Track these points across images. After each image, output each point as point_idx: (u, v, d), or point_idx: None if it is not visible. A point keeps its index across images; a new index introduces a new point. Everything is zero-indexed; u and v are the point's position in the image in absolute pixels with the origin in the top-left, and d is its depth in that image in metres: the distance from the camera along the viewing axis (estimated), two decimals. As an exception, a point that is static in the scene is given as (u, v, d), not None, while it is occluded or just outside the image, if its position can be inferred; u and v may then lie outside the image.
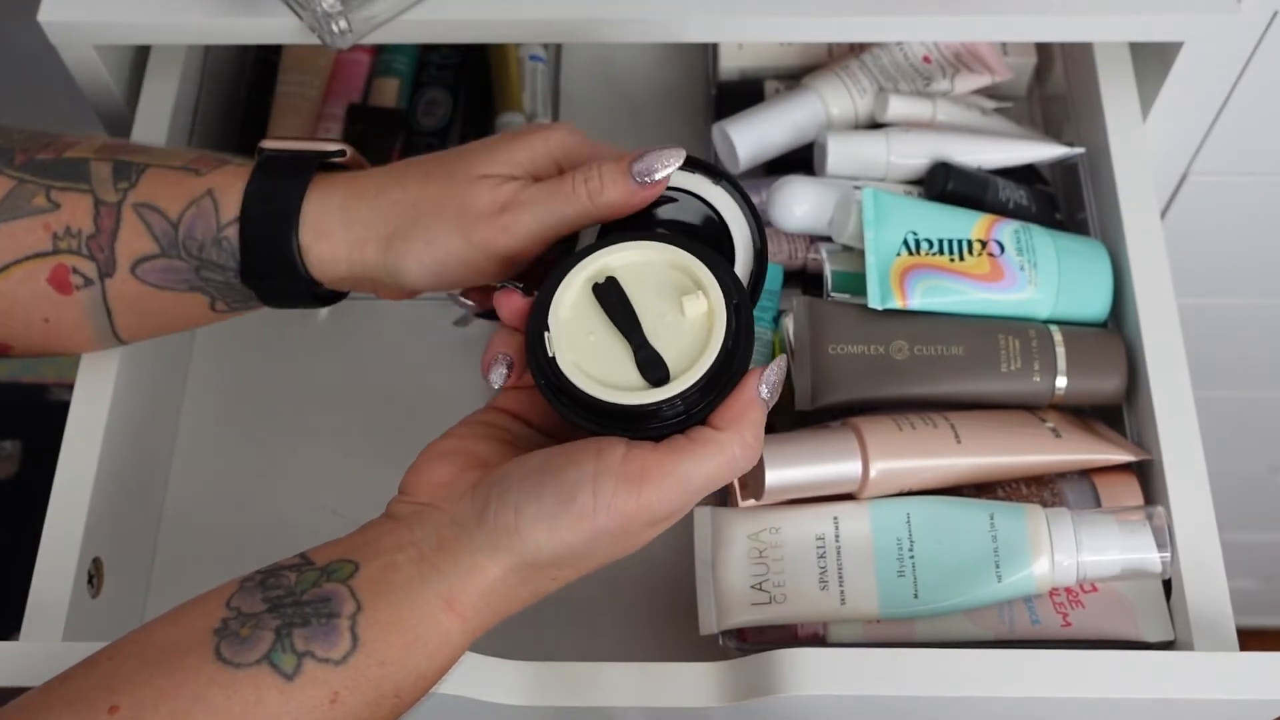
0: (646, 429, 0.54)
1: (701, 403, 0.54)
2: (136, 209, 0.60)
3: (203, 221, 0.60)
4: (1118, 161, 0.75)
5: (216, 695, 0.50)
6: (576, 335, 0.56)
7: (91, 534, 0.68)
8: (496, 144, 0.61)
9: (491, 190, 0.59)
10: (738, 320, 0.55)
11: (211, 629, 0.51)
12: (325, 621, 0.51)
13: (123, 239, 0.60)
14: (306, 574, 0.53)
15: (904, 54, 0.82)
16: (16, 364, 1.29)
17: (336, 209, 0.60)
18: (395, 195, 0.60)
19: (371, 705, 0.52)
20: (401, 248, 0.59)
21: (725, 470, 0.54)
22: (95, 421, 0.70)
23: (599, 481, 0.52)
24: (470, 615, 0.53)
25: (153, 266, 0.61)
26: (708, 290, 0.55)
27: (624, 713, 0.61)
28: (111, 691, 0.50)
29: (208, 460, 0.81)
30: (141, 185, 0.61)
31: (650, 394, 0.54)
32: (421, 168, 0.61)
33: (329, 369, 0.84)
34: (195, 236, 0.60)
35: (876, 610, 0.64)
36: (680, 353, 0.55)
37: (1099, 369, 0.70)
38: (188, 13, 0.74)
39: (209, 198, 0.60)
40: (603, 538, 0.53)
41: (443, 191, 0.59)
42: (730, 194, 0.61)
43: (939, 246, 0.70)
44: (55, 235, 0.60)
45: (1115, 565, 0.63)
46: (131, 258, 0.61)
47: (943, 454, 0.66)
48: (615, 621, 0.73)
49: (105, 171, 0.61)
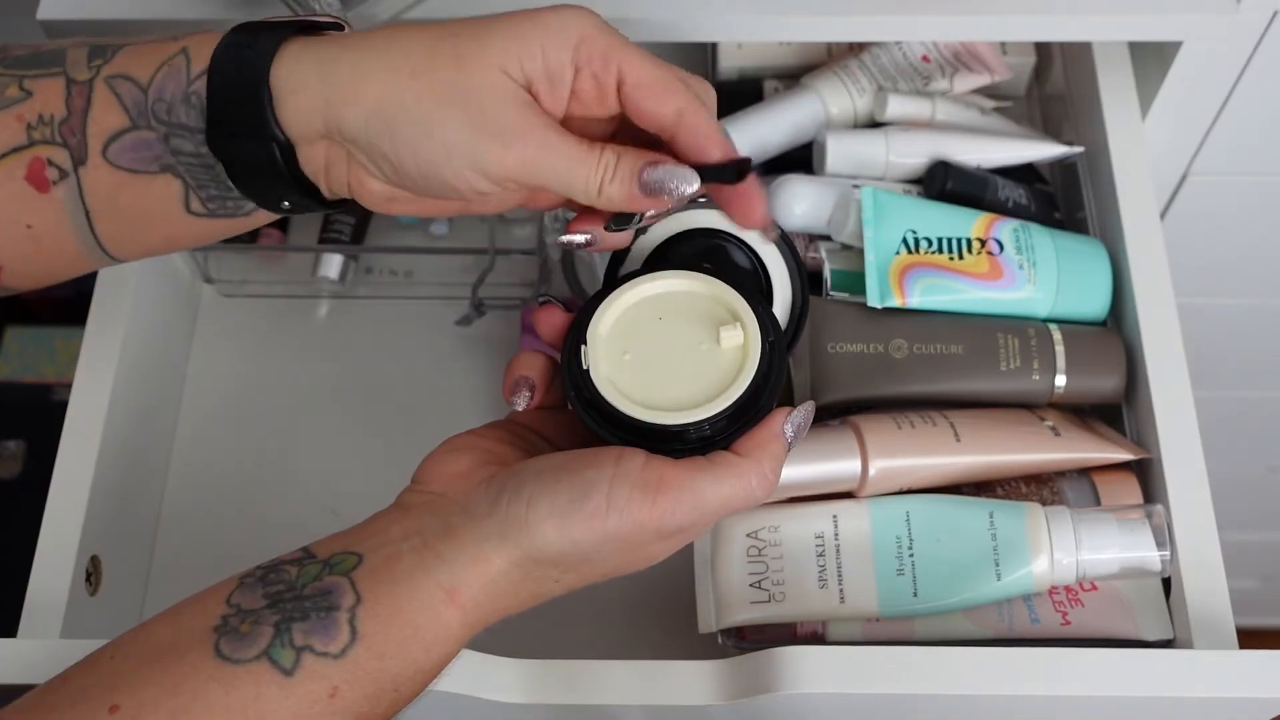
0: (669, 449, 0.55)
1: (727, 430, 0.55)
2: (109, 82, 0.56)
3: (173, 80, 0.55)
4: (1117, 161, 0.75)
5: (216, 692, 0.50)
6: (613, 353, 0.57)
7: (89, 532, 0.68)
8: (512, 28, 0.54)
9: (516, 108, 0.53)
10: (771, 357, 0.56)
11: (211, 626, 0.51)
12: (324, 615, 0.51)
13: (94, 117, 0.56)
14: (308, 568, 0.53)
15: (903, 53, 0.82)
16: (19, 365, 1.30)
17: (314, 60, 0.54)
18: (390, 60, 0.54)
19: (371, 699, 0.52)
20: (392, 125, 0.53)
21: (740, 496, 0.54)
22: (93, 419, 0.70)
23: (615, 484, 0.52)
24: (470, 608, 0.53)
25: (123, 144, 0.56)
26: (745, 325, 0.56)
27: (623, 711, 0.61)
28: (112, 690, 0.50)
29: (206, 459, 0.81)
30: (117, 59, 0.57)
31: (678, 415, 0.55)
32: (424, 37, 0.54)
33: (329, 368, 0.84)
34: (164, 98, 0.56)
35: (876, 609, 0.64)
36: (712, 381, 0.56)
37: (1098, 368, 0.70)
38: (187, 11, 0.74)
39: (182, 55, 0.56)
40: (611, 542, 0.53)
41: (454, 76, 0.53)
42: (781, 251, 0.61)
43: (938, 245, 0.70)
44: (29, 126, 0.56)
45: (1115, 564, 0.63)
46: (103, 137, 0.56)
47: (942, 452, 0.66)
48: (615, 620, 0.74)
49: (80, 54, 0.57)
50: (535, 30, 0.54)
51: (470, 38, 0.54)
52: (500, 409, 0.65)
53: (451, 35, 0.54)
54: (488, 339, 0.84)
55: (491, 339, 0.84)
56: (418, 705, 0.58)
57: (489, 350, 0.84)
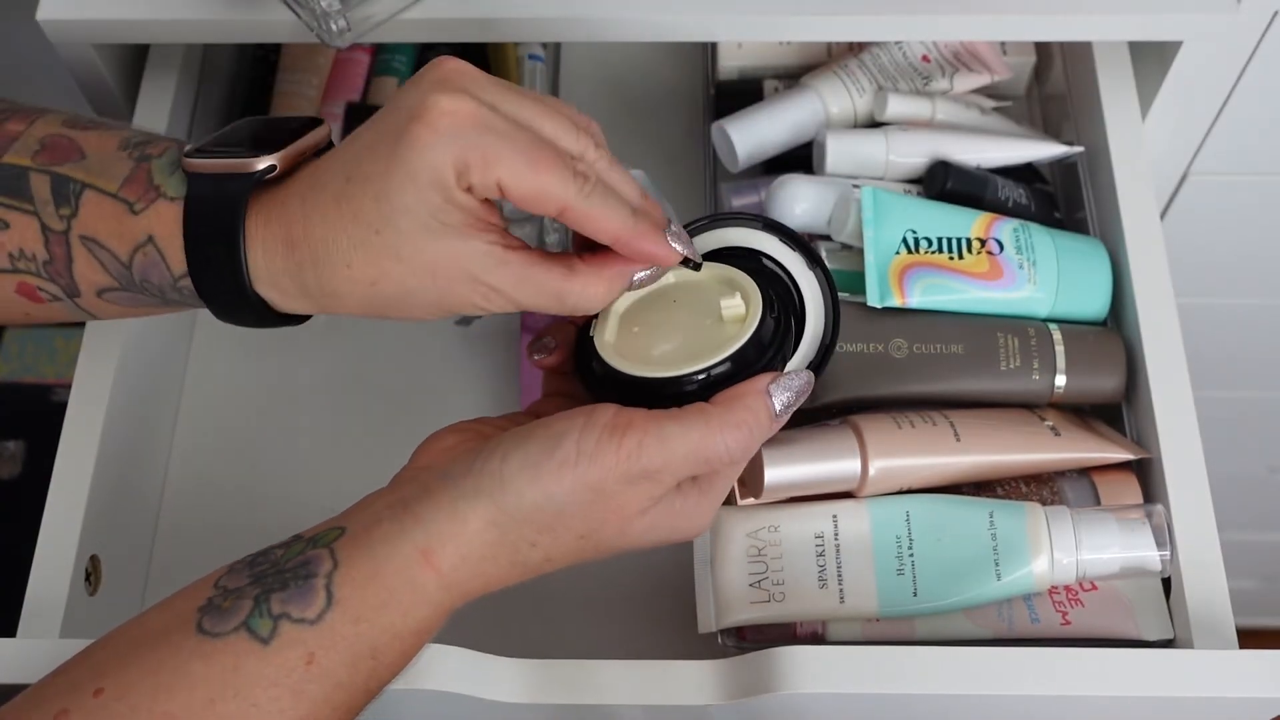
0: (656, 405, 0.56)
1: (713, 391, 0.56)
2: (85, 243, 0.58)
3: (155, 271, 0.57)
4: (1117, 161, 0.75)
5: (196, 666, 0.50)
6: (624, 326, 0.59)
7: (89, 531, 0.68)
8: (424, 193, 0.53)
9: (468, 261, 0.55)
10: (775, 331, 0.57)
11: (196, 608, 0.52)
12: (303, 583, 0.51)
13: (79, 271, 0.58)
14: (294, 546, 0.54)
15: (903, 53, 0.82)
16: (19, 365, 1.30)
17: (284, 275, 0.56)
18: (345, 273, 0.55)
19: (349, 666, 0.52)
20: (379, 310, 0.56)
21: (710, 445, 0.54)
22: (93, 419, 0.70)
23: (585, 432, 0.53)
24: (446, 570, 0.53)
25: (118, 296, 0.59)
26: (748, 297, 0.58)
27: (623, 710, 0.61)
28: (100, 675, 0.50)
29: (205, 458, 0.81)
30: (83, 214, 0.58)
31: (663, 371, 0.56)
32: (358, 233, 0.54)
33: (328, 368, 0.84)
34: (151, 281, 0.58)
35: (875, 608, 0.64)
36: (707, 347, 0.57)
37: (1098, 367, 0.70)
38: (186, 11, 0.74)
39: (153, 246, 0.57)
40: (581, 491, 0.53)
41: (402, 269, 0.55)
42: (820, 284, 0.62)
43: (938, 245, 0.70)
44: (11, 256, 0.59)
45: (1115, 563, 0.63)
46: (94, 287, 0.59)
47: (942, 452, 0.66)
48: (614, 619, 0.73)
49: (45, 191, 0.58)
50: (425, 188, 0.53)
51: (388, 226, 0.54)
52: (499, 408, 0.65)
53: (375, 232, 0.54)
54: (488, 339, 0.84)
55: (491, 339, 0.84)
56: (418, 705, 0.58)
57: (489, 350, 0.84)
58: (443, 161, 0.53)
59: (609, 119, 0.90)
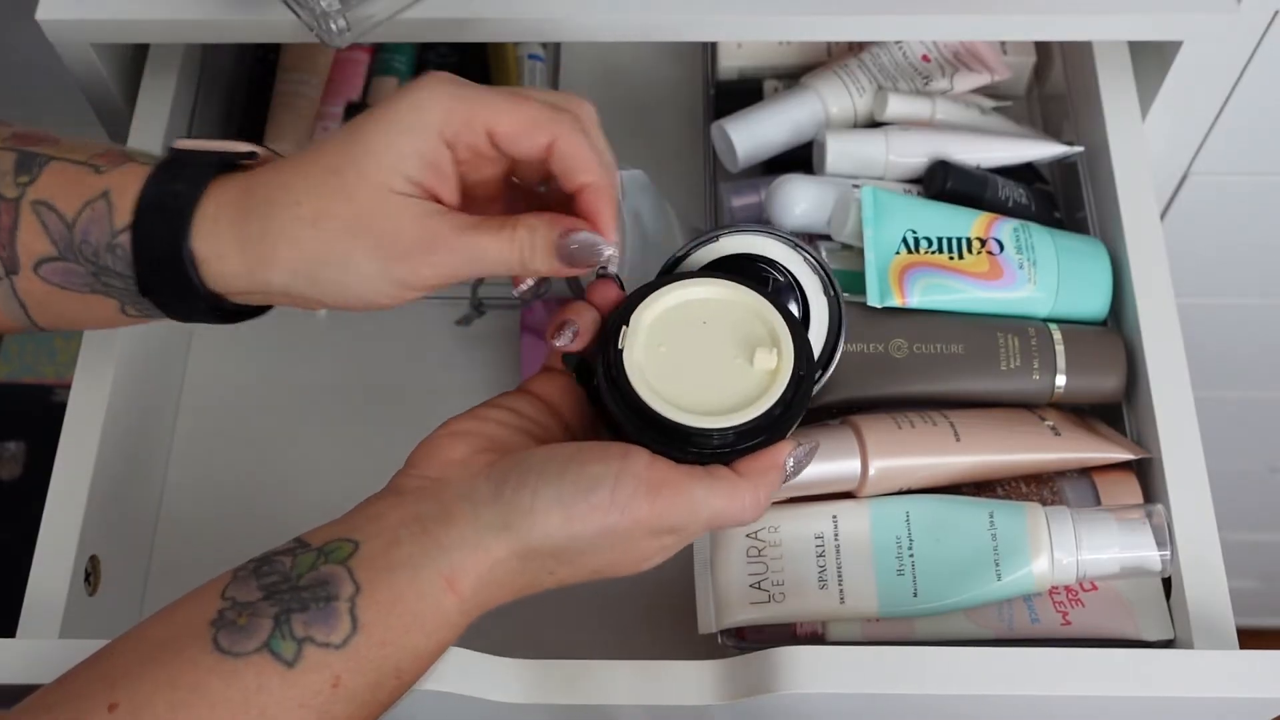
0: (673, 450, 0.56)
1: (734, 447, 0.56)
2: (34, 207, 0.57)
3: (97, 226, 0.57)
4: (1117, 160, 0.75)
5: (216, 684, 0.50)
6: (651, 342, 0.58)
7: (88, 532, 0.68)
8: (380, 138, 0.55)
9: (416, 221, 0.55)
10: (797, 389, 0.57)
11: (208, 620, 0.51)
12: (324, 605, 0.51)
13: (22, 239, 0.58)
14: (302, 558, 0.53)
15: (903, 53, 0.82)
16: (19, 365, 1.30)
17: (228, 223, 0.56)
18: (292, 211, 0.55)
19: (373, 686, 0.52)
20: (311, 277, 0.56)
21: (730, 513, 0.55)
22: (92, 419, 0.70)
23: (620, 480, 0.53)
24: (468, 595, 0.53)
25: (53, 268, 0.58)
26: (782, 352, 0.58)
27: (623, 711, 0.61)
28: (111, 688, 0.50)
29: (205, 458, 0.81)
30: (41, 180, 0.58)
31: (692, 419, 0.56)
32: (310, 177, 0.56)
33: (328, 368, 0.84)
34: (90, 241, 0.57)
35: (876, 609, 0.64)
36: (735, 396, 0.57)
37: (1098, 367, 0.70)
38: (186, 11, 0.74)
39: (104, 200, 0.57)
40: (608, 537, 0.54)
41: (349, 211, 0.55)
42: (830, 307, 0.63)
43: (938, 245, 0.70)
44: None
45: (1115, 563, 0.63)
46: (32, 258, 0.58)
47: (942, 452, 0.66)
48: (614, 620, 0.73)
49: (9, 163, 0.58)
50: (400, 133, 0.55)
51: (349, 165, 0.55)
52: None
53: (334, 172, 0.55)
54: (488, 339, 0.84)
55: (491, 339, 0.84)
56: (418, 705, 0.58)
57: (489, 350, 0.84)
58: (429, 106, 0.55)
59: (609, 119, 0.90)
